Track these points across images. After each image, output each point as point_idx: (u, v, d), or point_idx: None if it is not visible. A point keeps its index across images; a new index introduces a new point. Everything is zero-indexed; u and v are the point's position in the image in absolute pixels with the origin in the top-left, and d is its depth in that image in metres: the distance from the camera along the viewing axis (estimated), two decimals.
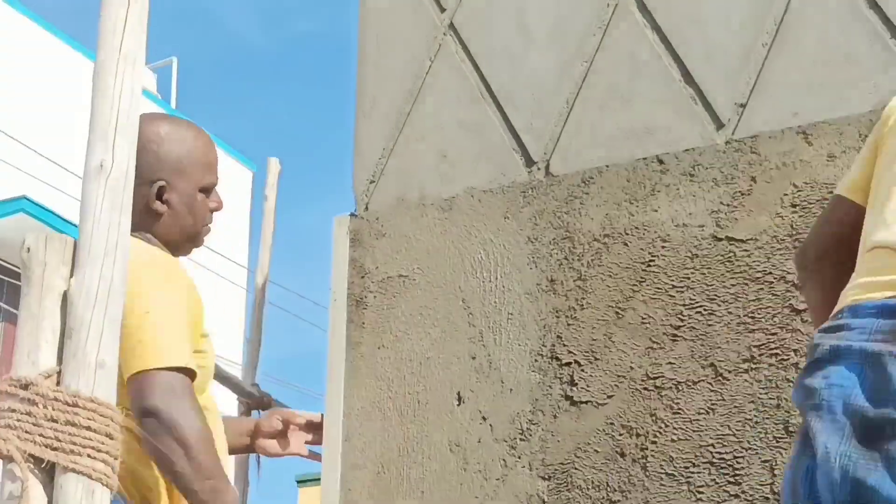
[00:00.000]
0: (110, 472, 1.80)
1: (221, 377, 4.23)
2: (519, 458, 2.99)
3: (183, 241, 3.11)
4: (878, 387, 1.96)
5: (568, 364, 2.99)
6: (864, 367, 1.99)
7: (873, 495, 1.91)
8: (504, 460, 3.01)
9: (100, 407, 1.81)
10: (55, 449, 1.78)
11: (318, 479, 3.35)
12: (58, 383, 1.83)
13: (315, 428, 3.31)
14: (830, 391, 2.01)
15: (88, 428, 1.80)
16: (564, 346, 3.01)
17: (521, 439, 3.00)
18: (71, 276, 1.90)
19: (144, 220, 3.04)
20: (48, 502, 1.79)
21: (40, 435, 1.79)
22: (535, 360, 3.04)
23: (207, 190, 3.13)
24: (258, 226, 4.47)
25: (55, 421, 1.79)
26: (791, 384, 2.74)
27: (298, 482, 22.84)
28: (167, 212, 3.05)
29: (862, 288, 2.09)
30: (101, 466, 1.79)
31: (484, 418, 3.06)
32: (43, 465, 1.79)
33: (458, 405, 3.10)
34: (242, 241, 18.35)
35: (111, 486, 1.81)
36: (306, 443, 3.35)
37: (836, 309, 2.13)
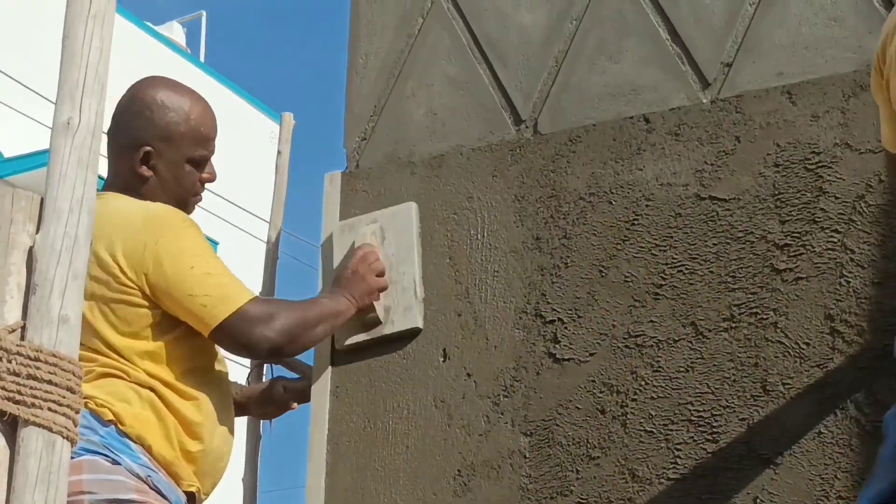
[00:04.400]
0: (71, 426, 1.84)
1: None
2: (502, 414, 3.01)
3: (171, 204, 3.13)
4: None
5: (552, 322, 3.01)
6: None
7: None
8: (487, 416, 3.03)
9: (62, 361, 1.85)
10: (17, 402, 1.82)
11: None
12: (22, 338, 1.87)
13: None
14: None
15: (50, 382, 1.83)
16: (548, 303, 3.03)
17: (504, 396, 3.02)
18: (37, 231, 1.93)
19: (132, 183, 3.07)
20: (10, 455, 1.83)
21: (2, 388, 1.83)
22: (520, 318, 3.06)
23: (197, 162, 3.14)
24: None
25: (17, 375, 1.83)
26: (769, 343, 2.75)
27: None
28: (152, 177, 3.07)
29: None
30: (62, 420, 1.83)
31: (468, 375, 3.08)
32: (5, 418, 1.83)
33: (444, 361, 3.13)
34: (266, 195, 18.33)
35: (72, 440, 1.85)
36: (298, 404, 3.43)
37: None
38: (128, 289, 2.89)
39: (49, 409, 1.82)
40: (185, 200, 3.14)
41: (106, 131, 2.35)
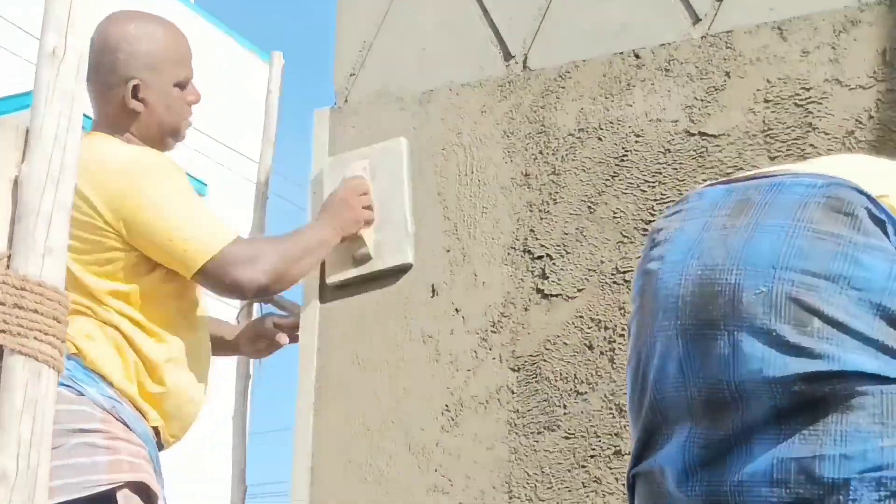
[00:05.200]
0: (57, 355, 1.83)
1: None
2: (490, 349, 3.02)
3: (163, 136, 3.13)
4: None
5: (540, 257, 3.01)
6: None
7: None
8: (475, 352, 3.04)
9: (47, 291, 1.84)
10: (2, 331, 1.81)
11: None
12: (7, 267, 1.86)
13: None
14: None
15: (36, 311, 1.83)
16: (537, 239, 3.02)
17: (492, 331, 3.03)
18: (22, 161, 1.92)
19: (122, 121, 3.06)
20: None
21: None
22: (508, 254, 3.05)
23: (183, 84, 3.14)
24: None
25: (3, 304, 1.82)
26: None
27: None
28: (144, 110, 3.06)
29: None
30: (47, 349, 1.83)
31: (457, 310, 3.09)
32: None
33: (432, 297, 3.13)
34: (257, 132, 18.23)
35: (58, 369, 1.84)
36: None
37: None
38: (105, 232, 2.89)
39: (35, 338, 1.82)
40: (178, 126, 3.14)
41: None
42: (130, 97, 3.04)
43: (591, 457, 2.83)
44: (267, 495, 22.24)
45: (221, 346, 3.36)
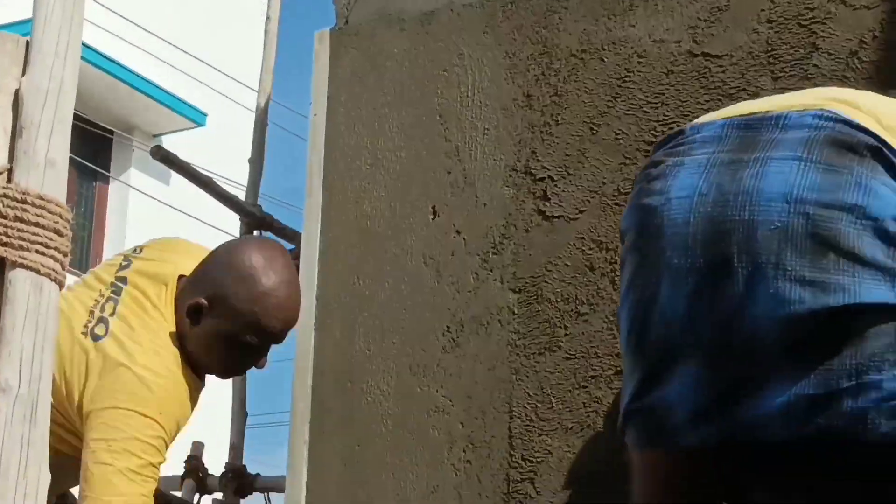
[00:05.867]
0: (59, 269, 1.83)
1: (223, 197, 4.27)
2: (491, 270, 3.02)
3: (205, 369, 3.04)
4: None
5: (542, 179, 3.00)
6: None
7: None
8: (476, 273, 3.04)
9: (48, 204, 1.84)
10: (4, 244, 1.81)
11: None
12: (8, 181, 1.85)
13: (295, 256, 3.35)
14: None
15: (37, 224, 1.82)
16: (538, 161, 3.02)
17: (493, 253, 3.03)
18: (23, 75, 1.91)
19: (183, 327, 2.96)
20: None
21: None
22: (510, 175, 3.05)
23: (248, 346, 3.01)
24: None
25: (4, 217, 1.82)
26: None
27: None
28: (194, 330, 2.96)
29: None
30: (49, 262, 1.82)
31: (458, 232, 3.08)
32: None
33: (433, 219, 3.12)
34: (256, 62, 18.15)
35: (60, 282, 1.84)
36: None
37: None
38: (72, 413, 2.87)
39: (37, 251, 1.81)
40: (216, 373, 3.09)
41: None
42: (189, 310, 2.95)
43: (592, 377, 2.84)
44: (269, 425, 22.37)
45: None
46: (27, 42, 1.93)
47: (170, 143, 13.90)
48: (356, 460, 3.09)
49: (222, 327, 2.94)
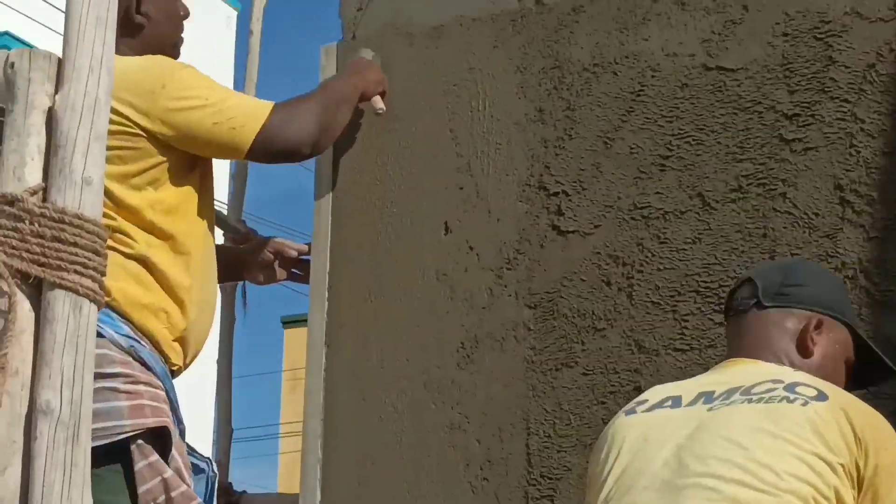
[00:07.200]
0: (97, 289, 1.80)
1: None
2: (505, 286, 3.00)
3: (163, 50, 3.09)
4: None
5: (555, 194, 2.99)
6: None
7: None
8: (490, 289, 3.02)
9: (86, 223, 1.81)
10: (42, 265, 1.78)
11: (304, 321, 3.35)
12: (44, 200, 1.82)
13: (304, 263, 3.32)
14: None
15: (75, 244, 1.80)
16: (552, 175, 3.00)
17: (507, 268, 3.01)
18: (56, 92, 1.88)
19: (126, 34, 3.02)
20: (35, 318, 1.79)
21: (27, 251, 1.79)
22: (523, 190, 3.03)
23: None
24: (242, 67, 4.43)
25: (42, 237, 1.79)
26: (778, 213, 2.74)
27: (284, 323, 23.12)
28: (147, 23, 3.04)
29: None
30: (88, 283, 1.79)
31: (471, 248, 3.06)
32: (30, 281, 1.79)
33: (446, 235, 3.10)
34: (226, 83, 18.02)
35: (98, 303, 1.81)
36: (293, 278, 3.37)
37: None
38: (139, 138, 2.83)
39: (75, 271, 1.78)
40: (176, 42, 3.13)
41: None
42: (135, 10, 3.02)
43: (611, 393, 2.82)
44: (252, 439, 22.32)
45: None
46: (59, 59, 1.90)
47: None
48: (370, 478, 3.06)
49: None
